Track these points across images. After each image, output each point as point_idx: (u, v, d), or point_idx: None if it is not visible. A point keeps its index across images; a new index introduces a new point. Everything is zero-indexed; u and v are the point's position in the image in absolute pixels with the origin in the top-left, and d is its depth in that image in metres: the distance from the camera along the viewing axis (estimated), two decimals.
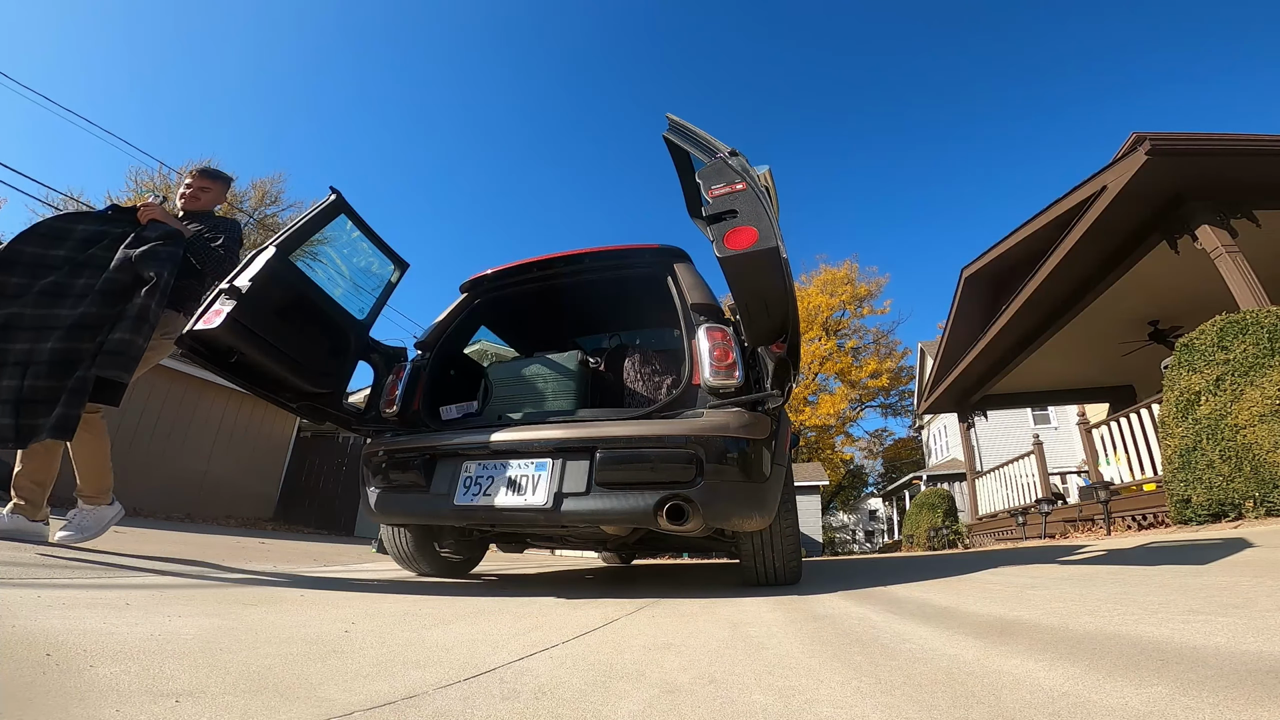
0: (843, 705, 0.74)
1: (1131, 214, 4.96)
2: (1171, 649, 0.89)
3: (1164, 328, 6.87)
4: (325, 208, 2.20)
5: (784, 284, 1.53)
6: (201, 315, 1.89)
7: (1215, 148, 4.38)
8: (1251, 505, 3.32)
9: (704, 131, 1.76)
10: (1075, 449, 12.29)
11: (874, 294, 27.33)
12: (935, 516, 9.90)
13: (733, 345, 1.87)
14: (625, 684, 0.85)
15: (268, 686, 0.76)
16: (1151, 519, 4.94)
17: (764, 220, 1.44)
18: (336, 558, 4.05)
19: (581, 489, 1.73)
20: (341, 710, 0.69)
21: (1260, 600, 1.23)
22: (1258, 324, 3.54)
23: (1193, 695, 0.68)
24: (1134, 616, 1.17)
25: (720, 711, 0.73)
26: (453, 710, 0.72)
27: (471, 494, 1.84)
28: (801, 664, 0.96)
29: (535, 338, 3.26)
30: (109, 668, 0.76)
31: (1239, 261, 4.38)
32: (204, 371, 5.41)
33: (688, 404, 1.84)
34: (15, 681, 0.68)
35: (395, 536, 2.55)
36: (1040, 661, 0.88)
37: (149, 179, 21.60)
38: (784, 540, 2.15)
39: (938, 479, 18.51)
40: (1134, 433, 5.32)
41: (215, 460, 9.28)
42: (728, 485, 1.71)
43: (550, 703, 0.76)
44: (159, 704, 0.66)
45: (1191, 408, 3.75)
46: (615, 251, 2.38)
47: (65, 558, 2.10)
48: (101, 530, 2.46)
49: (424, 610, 1.57)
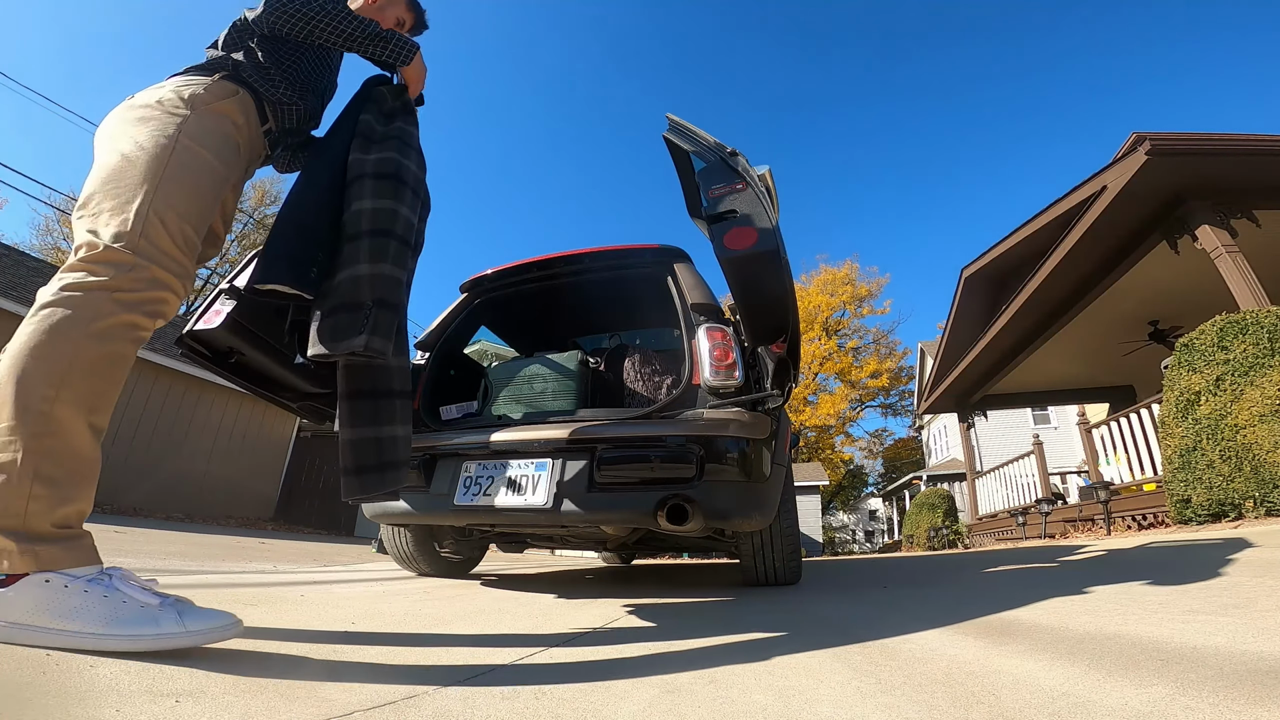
0: (843, 705, 0.74)
1: (1131, 214, 4.96)
2: (1171, 649, 0.89)
3: (1164, 328, 6.87)
4: None
5: (784, 284, 1.53)
6: (201, 315, 1.88)
7: (1215, 148, 4.38)
8: (1252, 505, 3.32)
9: (704, 131, 1.76)
10: (1075, 449, 12.29)
11: (874, 294, 27.35)
12: (935, 516, 9.90)
13: (733, 345, 1.87)
14: (625, 684, 0.85)
15: (268, 686, 0.76)
16: (1151, 519, 4.94)
17: (764, 220, 1.44)
18: (336, 558, 4.05)
19: (581, 489, 1.73)
20: (341, 710, 0.69)
21: (1260, 600, 1.23)
22: (1258, 324, 3.54)
23: (1193, 695, 0.68)
24: (1134, 616, 1.17)
25: (720, 711, 0.73)
26: (453, 710, 0.72)
27: (471, 494, 1.84)
28: (801, 663, 0.96)
29: (535, 338, 3.26)
30: (109, 668, 0.76)
31: (1239, 261, 4.38)
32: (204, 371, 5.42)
33: (688, 404, 1.84)
34: (15, 681, 0.68)
35: (395, 537, 2.55)
36: (1040, 661, 0.88)
37: None
38: (784, 540, 2.15)
39: (938, 479, 18.51)
40: (1134, 433, 5.32)
41: (215, 460, 9.28)
42: (727, 485, 1.71)
43: (550, 703, 0.76)
44: (159, 704, 0.66)
45: (1191, 408, 3.75)
46: (615, 251, 2.38)
47: None
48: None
49: (424, 610, 1.57)
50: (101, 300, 0.93)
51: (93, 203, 1.01)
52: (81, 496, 0.89)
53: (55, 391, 0.86)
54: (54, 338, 0.89)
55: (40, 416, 0.84)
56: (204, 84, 1.19)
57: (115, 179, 1.03)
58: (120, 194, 1.01)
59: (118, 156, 1.05)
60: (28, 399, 0.85)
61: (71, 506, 0.86)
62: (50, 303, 0.91)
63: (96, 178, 1.04)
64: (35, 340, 0.88)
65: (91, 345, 0.91)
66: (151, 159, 1.05)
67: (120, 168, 1.04)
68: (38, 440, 0.84)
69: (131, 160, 1.05)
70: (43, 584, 0.80)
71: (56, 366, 0.87)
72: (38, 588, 0.80)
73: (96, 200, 1.01)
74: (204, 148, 1.13)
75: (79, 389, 0.89)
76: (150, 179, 1.04)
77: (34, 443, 0.83)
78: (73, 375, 0.88)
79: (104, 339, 0.92)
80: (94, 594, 0.82)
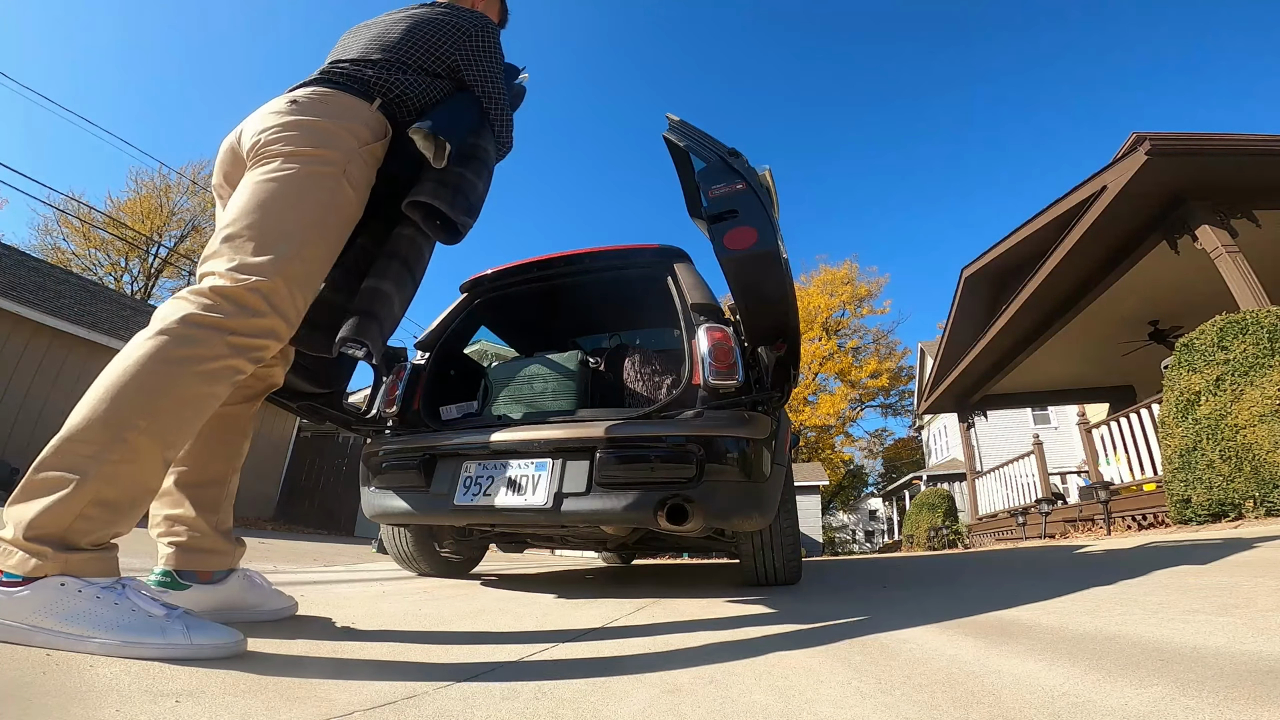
0: (843, 705, 0.74)
1: (1131, 214, 4.96)
2: (1171, 649, 0.89)
3: (1164, 328, 6.87)
4: None
5: (784, 284, 1.53)
6: None
7: (1215, 148, 4.38)
8: (1251, 505, 3.32)
9: (704, 131, 1.76)
10: (1075, 449, 12.28)
11: (874, 294, 27.36)
12: (935, 516, 9.90)
13: (733, 345, 1.86)
14: (625, 684, 0.85)
15: (268, 686, 0.76)
16: (1151, 519, 4.94)
17: (764, 220, 1.44)
18: (336, 558, 4.05)
19: (581, 489, 1.73)
20: (341, 710, 0.69)
21: (1260, 600, 1.22)
22: (1258, 324, 3.54)
23: (1193, 695, 0.68)
24: (1134, 616, 1.17)
25: (720, 711, 0.73)
26: (453, 710, 0.72)
27: (471, 494, 1.84)
28: (801, 664, 0.96)
29: (535, 338, 3.26)
30: (109, 668, 0.76)
31: (1239, 261, 4.38)
32: None
33: (688, 404, 1.84)
34: (15, 681, 0.68)
35: (395, 537, 2.55)
36: (1040, 661, 0.88)
37: (149, 179, 21.69)
38: (784, 540, 2.15)
39: (938, 479, 18.50)
40: (1134, 433, 5.32)
41: None
42: (727, 485, 1.71)
43: (550, 703, 0.76)
44: (159, 704, 0.66)
45: (1191, 408, 3.75)
46: (615, 251, 2.38)
47: None
48: None
49: (424, 610, 1.57)
50: (216, 341, 0.94)
51: (241, 237, 1.00)
52: (130, 523, 0.89)
53: (146, 423, 0.87)
54: (162, 370, 0.89)
55: (123, 444, 0.85)
56: (365, 118, 1.16)
57: (269, 219, 1.02)
58: (269, 237, 1.01)
59: (277, 198, 1.04)
60: (119, 425, 0.85)
61: (115, 530, 0.87)
62: (168, 331, 0.92)
63: (251, 210, 1.03)
64: (143, 367, 0.88)
65: (194, 383, 0.92)
66: (314, 214, 1.06)
67: (276, 210, 1.03)
68: (112, 466, 0.84)
69: (302, 206, 1.05)
70: (57, 586, 0.81)
71: (155, 399, 0.88)
72: (52, 590, 0.81)
73: (245, 235, 1.00)
74: (349, 205, 1.13)
75: (167, 423, 0.90)
76: (302, 232, 1.04)
77: (108, 468, 0.84)
78: (167, 409, 0.89)
79: (208, 379, 0.94)
80: (105, 600, 0.83)
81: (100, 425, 0.85)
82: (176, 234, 23.10)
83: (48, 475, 0.83)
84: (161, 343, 0.90)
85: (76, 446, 0.84)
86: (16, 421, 6.93)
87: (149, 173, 21.58)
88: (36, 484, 0.83)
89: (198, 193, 22.49)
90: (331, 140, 1.11)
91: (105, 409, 0.85)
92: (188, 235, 23.39)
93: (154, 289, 22.87)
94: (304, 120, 1.10)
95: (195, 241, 23.71)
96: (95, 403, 0.86)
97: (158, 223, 22.08)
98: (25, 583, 0.80)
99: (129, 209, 21.79)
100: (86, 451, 0.83)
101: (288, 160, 1.06)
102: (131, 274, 22.71)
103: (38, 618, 0.80)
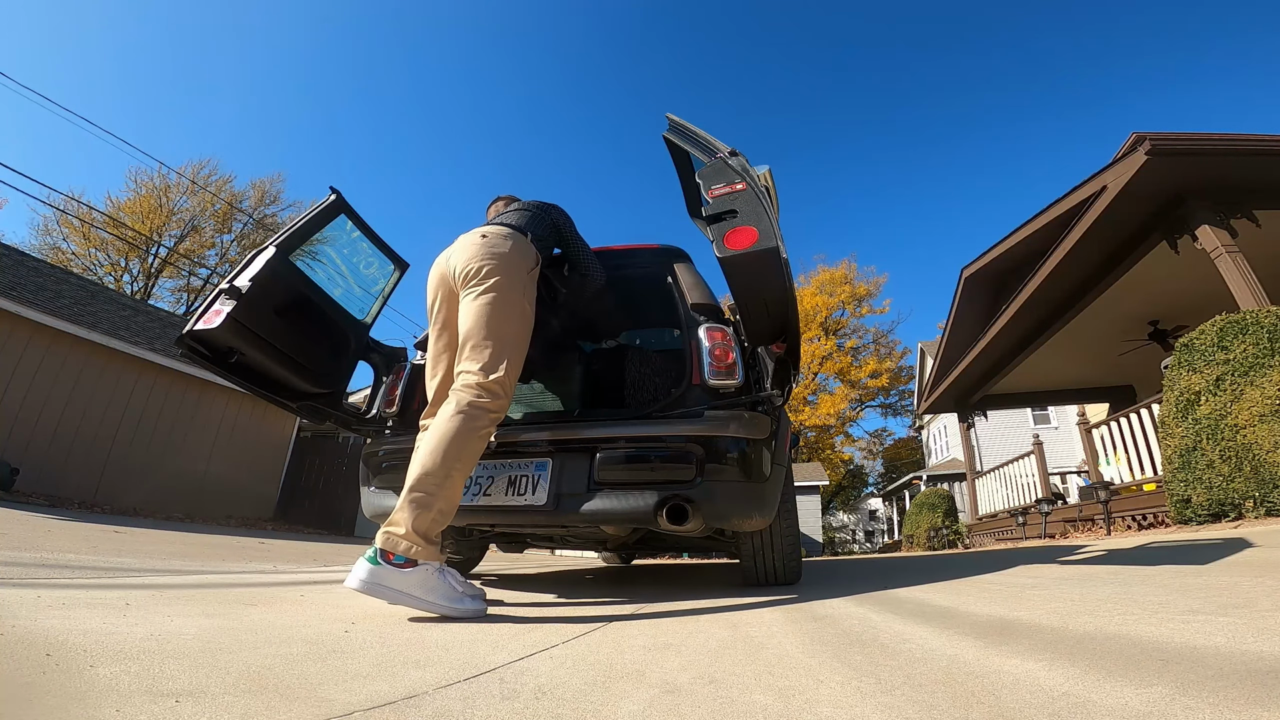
0: (843, 705, 0.74)
1: (1131, 214, 4.96)
2: (1171, 649, 0.89)
3: (1164, 328, 6.87)
4: (325, 208, 2.19)
5: (784, 284, 1.53)
6: (201, 315, 1.88)
7: (1215, 148, 4.38)
8: (1251, 505, 3.32)
9: (704, 131, 1.76)
10: (1075, 449, 12.30)
11: (873, 293, 27.36)
12: (935, 516, 9.91)
13: (733, 345, 1.87)
14: (625, 684, 0.85)
15: (268, 686, 0.76)
16: (1151, 519, 4.94)
17: (764, 220, 1.44)
18: (336, 558, 4.05)
19: (581, 489, 1.73)
20: (342, 710, 0.69)
21: (1260, 600, 1.23)
22: (1258, 324, 3.54)
23: (1193, 695, 0.68)
24: (1134, 616, 1.17)
25: (720, 711, 0.73)
26: (453, 710, 0.72)
27: (471, 494, 1.84)
28: (801, 664, 0.96)
29: (535, 337, 3.26)
30: (109, 668, 0.76)
31: (1239, 261, 4.38)
32: (204, 371, 5.40)
33: (688, 404, 1.84)
34: (15, 681, 0.68)
35: None
36: (1040, 661, 0.88)
37: (149, 179, 21.68)
38: (784, 540, 2.15)
39: (938, 479, 18.51)
40: (1134, 433, 5.32)
41: (215, 460, 9.28)
42: (727, 485, 1.71)
43: (550, 703, 0.76)
44: (159, 704, 0.66)
45: (1191, 408, 3.75)
46: (615, 252, 2.38)
47: (65, 559, 2.10)
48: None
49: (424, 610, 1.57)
50: (483, 415, 1.53)
51: (488, 347, 1.60)
52: (448, 521, 1.47)
53: (458, 464, 1.47)
54: (463, 432, 1.49)
55: (448, 477, 1.45)
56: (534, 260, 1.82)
57: (504, 333, 1.63)
58: (502, 346, 1.61)
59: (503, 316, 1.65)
60: (448, 465, 1.45)
61: (441, 526, 1.45)
62: (465, 410, 1.51)
63: (492, 326, 1.63)
64: (455, 430, 1.48)
65: (475, 440, 1.52)
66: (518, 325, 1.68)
67: (504, 325, 1.64)
68: (444, 489, 1.44)
69: (510, 320, 1.66)
70: (427, 570, 1.37)
71: (460, 449, 1.48)
72: (424, 572, 1.37)
73: (492, 346, 1.60)
74: (531, 315, 1.76)
75: (466, 462, 1.50)
76: (515, 341, 1.66)
77: (443, 490, 1.44)
78: (465, 454, 1.49)
79: (480, 437, 1.54)
80: (444, 579, 1.40)
81: (438, 467, 1.44)
82: (176, 234, 23.11)
83: (416, 495, 1.41)
84: (464, 417, 1.50)
85: (428, 481, 1.42)
86: (16, 421, 6.92)
87: (148, 173, 21.61)
88: (412, 501, 1.40)
89: (197, 193, 22.51)
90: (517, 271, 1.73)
91: (440, 456, 1.44)
92: (187, 235, 23.42)
93: (154, 289, 22.88)
94: (497, 253, 1.71)
95: (195, 241, 23.73)
96: (433, 453, 1.44)
97: (157, 223, 22.08)
98: (410, 564, 1.35)
99: (129, 209, 21.79)
100: (434, 483, 1.43)
101: (492, 288, 1.66)
102: (131, 274, 22.72)
103: (416, 589, 1.34)
